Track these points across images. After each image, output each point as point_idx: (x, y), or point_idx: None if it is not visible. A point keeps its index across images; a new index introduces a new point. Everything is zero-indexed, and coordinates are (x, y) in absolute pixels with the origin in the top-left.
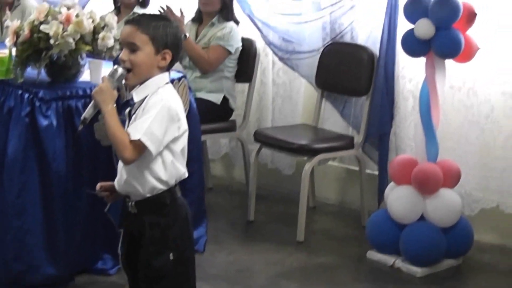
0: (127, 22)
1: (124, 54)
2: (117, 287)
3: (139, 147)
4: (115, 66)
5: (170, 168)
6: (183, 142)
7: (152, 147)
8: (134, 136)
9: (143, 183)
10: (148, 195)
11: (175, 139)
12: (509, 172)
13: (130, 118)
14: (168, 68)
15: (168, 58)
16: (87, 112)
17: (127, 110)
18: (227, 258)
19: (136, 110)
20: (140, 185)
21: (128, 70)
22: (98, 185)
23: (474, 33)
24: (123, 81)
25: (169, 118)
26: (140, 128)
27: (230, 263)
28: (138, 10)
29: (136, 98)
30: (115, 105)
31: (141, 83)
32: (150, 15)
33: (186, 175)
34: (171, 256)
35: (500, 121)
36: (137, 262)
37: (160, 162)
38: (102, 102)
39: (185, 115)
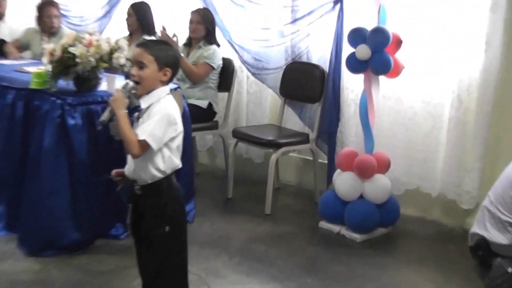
0: (138, 45)
1: (134, 70)
2: (126, 249)
3: (144, 145)
4: (127, 80)
5: (167, 161)
6: (179, 140)
7: (154, 145)
8: (141, 137)
9: (146, 172)
10: (149, 181)
11: (172, 139)
12: (427, 162)
13: (138, 120)
14: (168, 82)
15: (169, 74)
16: (105, 116)
17: (136, 114)
18: (211, 227)
19: (143, 114)
20: (144, 173)
21: (137, 83)
22: (113, 172)
23: (400, 55)
24: (133, 92)
25: (168, 122)
26: (145, 130)
27: (213, 231)
28: (146, 36)
29: (143, 105)
30: (126, 110)
31: (147, 93)
32: (156, 40)
33: (180, 165)
34: (167, 228)
35: (420, 123)
36: (140, 231)
37: (160, 157)
38: (116, 108)
39: (181, 119)
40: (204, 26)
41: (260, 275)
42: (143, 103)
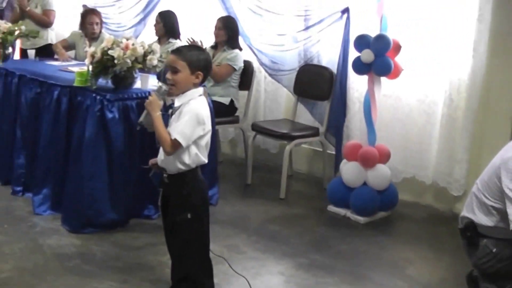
0: (172, 52)
1: (169, 74)
2: (157, 228)
3: (176, 144)
4: (160, 84)
5: (193, 157)
6: (207, 138)
7: (183, 143)
8: (173, 136)
9: (173, 165)
10: (175, 173)
11: (200, 137)
12: (421, 153)
13: (171, 116)
14: (200, 84)
15: (200, 77)
16: (142, 117)
17: (170, 110)
18: (232, 209)
19: (175, 111)
20: (171, 165)
21: (172, 85)
22: (150, 161)
23: (399, 59)
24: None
25: (197, 122)
26: (176, 129)
27: (234, 212)
28: (171, 40)
29: (177, 104)
30: (160, 112)
31: (181, 93)
32: (189, 46)
33: (206, 161)
34: (188, 215)
35: (416, 119)
36: (168, 213)
37: (186, 153)
38: (152, 110)
39: (210, 119)
40: (225, 31)
41: (275, 251)
42: (177, 102)
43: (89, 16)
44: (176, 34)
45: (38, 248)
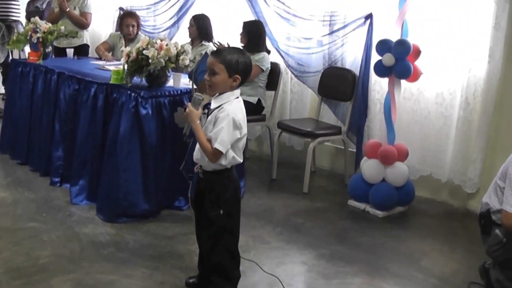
0: (211, 54)
1: (207, 75)
2: (187, 218)
3: (217, 152)
4: (194, 95)
5: (229, 159)
6: (243, 141)
7: (224, 150)
8: (214, 145)
9: (209, 165)
10: (211, 170)
11: (237, 140)
12: (438, 153)
13: (207, 117)
14: (239, 86)
15: (238, 81)
16: (185, 129)
17: (206, 110)
18: (258, 202)
19: (211, 112)
20: (207, 165)
21: (209, 86)
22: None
23: (419, 63)
24: (201, 100)
25: (234, 127)
26: (216, 139)
27: (260, 205)
28: (204, 42)
29: (213, 105)
30: (199, 122)
31: (219, 94)
32: (229, 49)
33: (241, 161)
34: (221, 211)
35: (434, 120)
36: (201, 207)
37: (224, 156)
38: (191, 121)
39: (245, 122)
40: (245, 35)
41: (298, 242)
42: (213, 103)
43: (126, 18)
44: (209, 37)
45: (74, 236)
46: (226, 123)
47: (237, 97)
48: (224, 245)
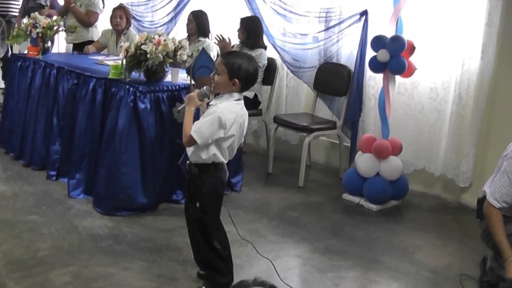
0: (221, 54)
1: (212, 73)
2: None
3: (191, 139)
4: (204, 87)
5: (210, 155)
6: (229, 142)
7: (199, 140)
8: (191, 131)
9: (192, 156)
10: (194, 162)
11: (221, 139)
12: (431, 147)
13: None
14: (240, 90)
15: (237, 85)
16: (180, 107)
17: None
18: (254, 195)
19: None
20: (192, 156)
21: (213, 84)
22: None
23: (413, 59)
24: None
25: (218, 124)
26: (195, 127)
27: (256, 199)
28: (201, 38)
29: (212, 103)
30: (194, 109)
31: (219, 94)
32: (238, 53)
33: (224, 161)
34: (197, 204)
35: (427, 115)
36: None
37: (205, 151)
38: (188, 104)
39: (237, 125)
40: (243, 31)
41: (294, 236)
42: (213, 101)
43: (114, 10)
44: (206, 33)
45: (73, 229)
46: (211, 118)
47: (237, 100)
48: (201, 240)
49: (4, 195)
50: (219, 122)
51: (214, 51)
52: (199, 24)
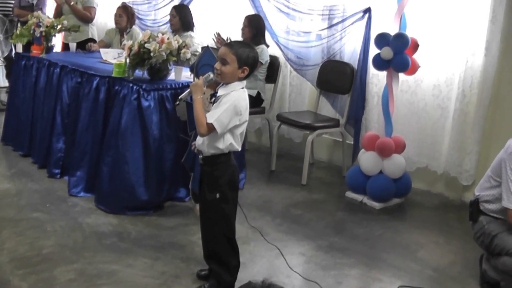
0: (224, 45)
1: (217, 65)
2: (189, 209)
3: (211, 128)
4: (209, 73)
5: (227, 144)
6: (242, 128)
7: (219, 129)
8: (209, 120)
9: (208, 148)
10: (209, 155)
11: (236, 126)
12: (435, 145)
13: (212, 104)
14: (245, 78)
15: (246, 72)
16: (183, 95)
17: (213, 99)
18: (257, 193)
19: (217, 100)
20: (206, 148)
21: (218, 74)
22: (193, 143)
23: (417, 56)
24: (213, 80)
25: (234, 112)
26: (214, 116)
27: (259, 196)
28: (185, 33)
29: (219, 93)
30: (201, 96)
31: (226, 84)
32: (242, 42)
33: (239, 149)
34: (217, 195)
35: (430, 113)
36: (202, 193)
37: (221, 140)
38: (194, 92)
39: (247, 111)
40: (250, 29)
41: (297, 233)
42: (220, 91)
43: (117, 10)
44: (190, 27)
45: (77, 226)
46: (228, 106)
47: (243, 88)
48: (220, 231)
49: (8, 193)
50: (235, 109)
51: (195, 45)
52: (182, 18)
